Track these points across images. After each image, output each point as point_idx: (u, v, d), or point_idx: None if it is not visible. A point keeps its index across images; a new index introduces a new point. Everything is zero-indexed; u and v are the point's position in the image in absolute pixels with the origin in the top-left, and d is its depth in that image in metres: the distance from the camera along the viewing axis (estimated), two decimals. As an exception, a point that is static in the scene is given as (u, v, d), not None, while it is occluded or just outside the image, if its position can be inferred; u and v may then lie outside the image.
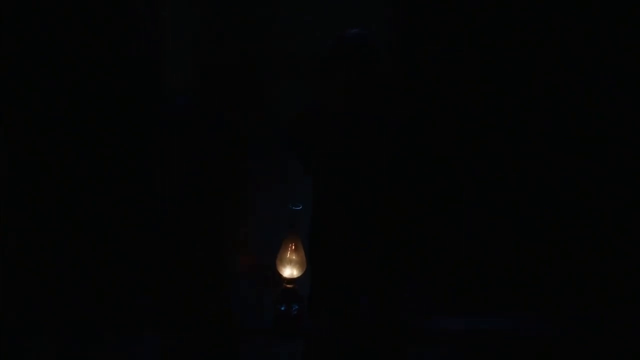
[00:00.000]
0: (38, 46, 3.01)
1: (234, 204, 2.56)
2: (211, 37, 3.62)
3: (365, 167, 2.62)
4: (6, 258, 3.15)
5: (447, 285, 3.27)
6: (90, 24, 3.01)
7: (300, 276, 2.47)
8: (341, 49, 2.55)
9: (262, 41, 4.49)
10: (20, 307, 3.04)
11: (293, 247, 2.44)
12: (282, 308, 2.44)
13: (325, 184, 2.76)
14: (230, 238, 2.58)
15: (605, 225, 3.22)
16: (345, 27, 2.60)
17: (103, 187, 3.16)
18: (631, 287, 3.21)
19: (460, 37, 3.08)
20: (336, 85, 2.57)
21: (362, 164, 2.62)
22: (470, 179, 3.22)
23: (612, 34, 3.05)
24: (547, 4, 3.05)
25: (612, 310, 3.11)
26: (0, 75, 3.01)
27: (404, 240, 2.74)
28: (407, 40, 3.08)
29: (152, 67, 3.21)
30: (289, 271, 2.43)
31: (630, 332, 2.62)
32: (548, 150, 3.18)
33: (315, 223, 2.82)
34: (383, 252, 2.72)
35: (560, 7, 3.05)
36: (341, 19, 2.70)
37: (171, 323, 2.51)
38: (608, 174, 3.18)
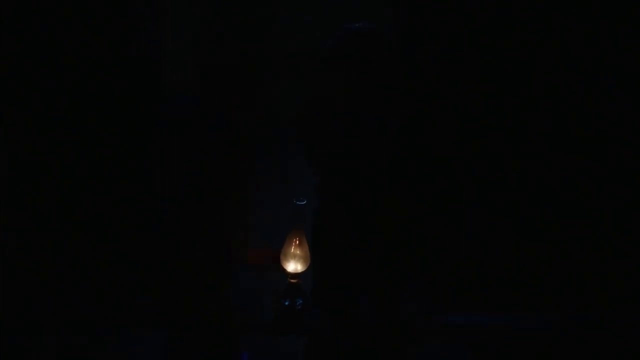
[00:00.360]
0: (38, 46, 3.01)
1: (234, 204, 2.57)
2: (211, 37, 3.63)
3: (365, 167, 2.62)
4: (6, 258, 3.15)
5: (448, 285, 3.27)
6: (90, 24, 3.01)
7: (304, 271, 2.47)
8: (341, 49, 2.55)
9: (262, 41, 4.48)
10: (20, 307, 3.04)
11: (297, 241, 2.44)
12: (286, 303, 2.44)
13: (325, 184, 2.76)
14: (230, 238, 2.58)
15: (605, 225, 3.22)
16: (348, 22, 2.61)
17: (103, 187, 3.16)
18: (631, 287, 3.21)
19: (460, 37, 3.08)
20: (336, 85, 2.57)
21: (362, 163, 2.62)
22: (470, 179, 3.22)
23: (612, 34, 3.05)
24: (547, 4, 3.04)
25: (612, 310, 3.11)
26: (0, 75, 3.00)
27: (404, 240, 2.74)
28: (407, 40, 3.08)
29: (152, 67, 3.20)
30: (293, 266, 2.43)
31: (630, 332, 2.61)
32: (548, 150, 3.17)
33: (316, 222, 2.83)
34: (383, 252, 2.72)
35: (560, 7, 3.05)
36: (341, 19, 2.70)
37: (171, 323, 2.51)
38: (608, 174, 3.18)
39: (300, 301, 2.44)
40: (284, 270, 2.44)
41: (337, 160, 2.66)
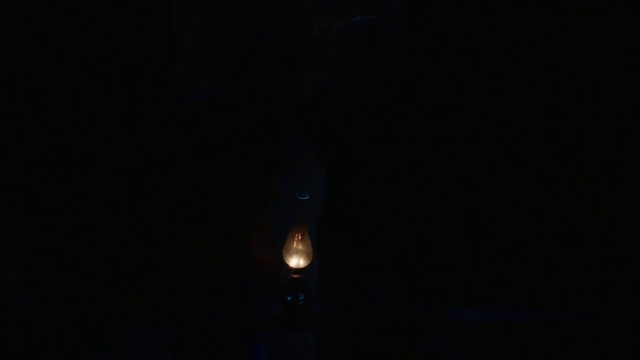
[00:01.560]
0: (38, 44, 3.00)
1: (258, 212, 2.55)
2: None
3: (377, 158, 2.62)
4: (13, 250, 3.19)
5: (455, 281, 3.27)
6: (97, 17, 3.01)
7: (307, 267, 2.48)
8: (350, 40, 2.54)
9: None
10: (32, 296, 3.08)
11: (300, 237, 2.45)
12: (289, 298, 2.45)
13: (333, 176, 2.77)
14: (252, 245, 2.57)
15: (606, 225, 3.18)
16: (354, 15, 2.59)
17: (112, 178, 3.17)
18: (632, 285, 3.19)
19: (461, 37, 3.03)
20: (350, 74, 2.57)
21: (374, 154, 2.62)
22: (479, 174, 3.20)
23: (612, 34, 2.99)
24: (547, 4, 2.98)
25: (611, 308, 3.08)
26: (0, 75, 3.01)
27: (412, 234, 2.74)
28: (407, 39, 3.05)
29: (165, 61, 3.20)
30: (296, 261, 2.44)
31: (629, 328, 2.60)
32: (552, 148, 3.13)
33: (325, 214, 2.83)
34: (391, 245, 2.73)
35: (561, 6, 2.99)
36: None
37: (186, 316, 2.52)
38: (608, 173, 3.13)
39: (303, 296, 2.45)
40: (286, 266, 2.45)
41: (345, 152, 2.66)
